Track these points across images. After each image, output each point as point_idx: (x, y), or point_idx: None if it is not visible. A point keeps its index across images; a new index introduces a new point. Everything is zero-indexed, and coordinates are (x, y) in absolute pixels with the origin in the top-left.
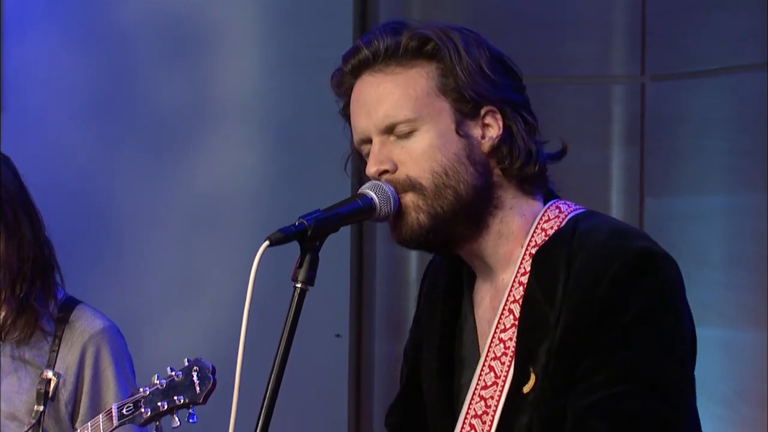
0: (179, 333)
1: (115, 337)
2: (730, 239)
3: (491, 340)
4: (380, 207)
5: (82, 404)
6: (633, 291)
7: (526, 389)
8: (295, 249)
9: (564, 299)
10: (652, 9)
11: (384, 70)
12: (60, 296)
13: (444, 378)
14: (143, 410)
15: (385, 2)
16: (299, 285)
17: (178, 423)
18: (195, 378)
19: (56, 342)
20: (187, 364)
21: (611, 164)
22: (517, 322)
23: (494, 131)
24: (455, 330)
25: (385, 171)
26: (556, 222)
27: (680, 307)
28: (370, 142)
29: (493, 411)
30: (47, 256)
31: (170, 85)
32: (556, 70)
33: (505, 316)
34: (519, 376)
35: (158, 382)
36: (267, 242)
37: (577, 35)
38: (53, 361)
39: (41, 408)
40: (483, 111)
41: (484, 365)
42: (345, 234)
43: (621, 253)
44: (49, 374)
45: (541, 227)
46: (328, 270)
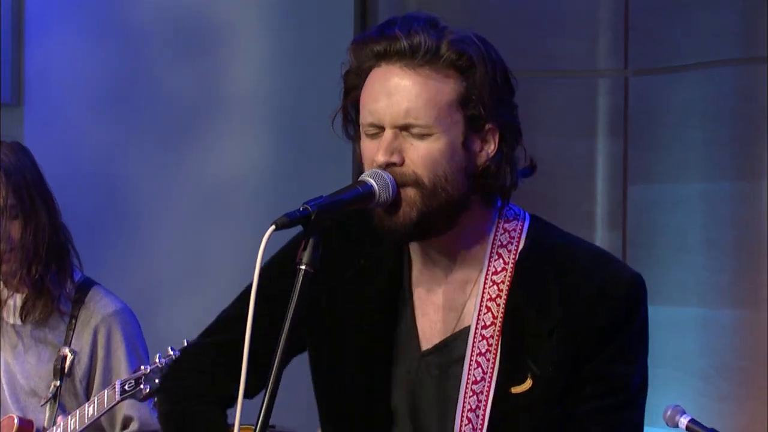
0: (189, 312)
1: (128, 318)
2: (708, 224)
3: (474, 337)
4: (379, 194)
5: (95, 381)
6: (630, 315)
7: (516, 390)
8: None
9: (564, 314)
10: (635, 7)
11: (417, 70)
12: (77, 278)
13: (377, 363)
14: (143, 387)
15: (384, 1)
16: (304, 267)
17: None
18: None
19: (72, 321)
20: (185, 344)
21: (597, 154)
22: (497, 322)
23: (490, 148)
24: (392, 313)
25: (393, 163)
26: (517, 224)
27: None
28: (378, 127)
29: (484, 406)
30: (63, 240)
31: (181, 80)
32: (545, 64)
33: (484, 313)
34: (504, 376)
35: (159, 361)
36: (273, 226)
37: (564, 32)
38: (69, 339)
39: (58, 383)
40: (487, 127)
41: (471, 360)
42: None
43: (621, 280)
44: (66, 351)
45: (502, 227)
46: None
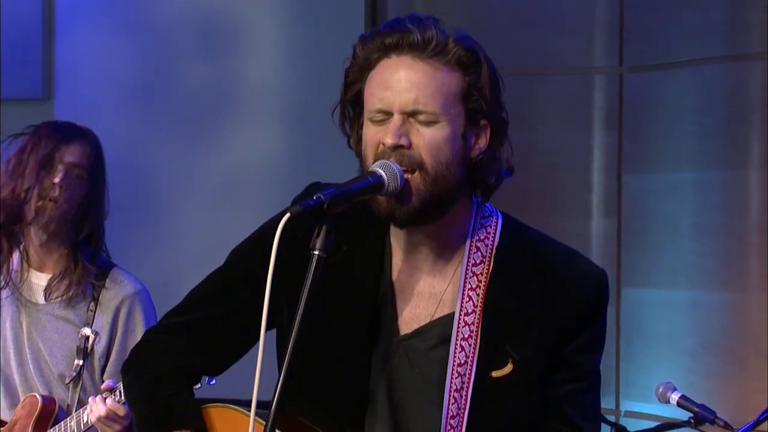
0: None
1: (146, 300)
2: (699, 211)
3: (458, 322)
4: (388, 183)
5: (111, 359)
6: (600, 308)
7: (496, 374)
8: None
9: (543, 305)
10: (629, 6)
11: (427, 61)
12: (99, 261)
13: (356, 345)
14: None
15: (392, 1)
16: (317, 252)
17: (199, 385)
18: None
19: (93, 303)
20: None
21: (593, 146)
22: (477, 310)
23: (482, 142)
24: (372, 298)
25: (402, 146)
26: (492, 220)
27: None
28: (386, 113)
29: (466, 387)
30: (102, 225)
31: (202, 76)
32: (544, 62)
33: (466, 302)
34: (484, 360)
35: None
36: (288, 215)
37: (562, 31)
38: (91, 319)
39: (80, 362)
40: (482, 123)
41: (456, 344)
42: None
43: (595, 277)
44: (87, 331)
45: (480, 222)
46: None
